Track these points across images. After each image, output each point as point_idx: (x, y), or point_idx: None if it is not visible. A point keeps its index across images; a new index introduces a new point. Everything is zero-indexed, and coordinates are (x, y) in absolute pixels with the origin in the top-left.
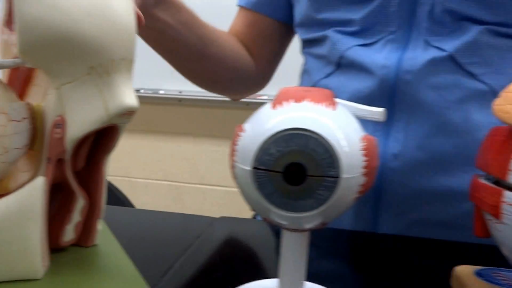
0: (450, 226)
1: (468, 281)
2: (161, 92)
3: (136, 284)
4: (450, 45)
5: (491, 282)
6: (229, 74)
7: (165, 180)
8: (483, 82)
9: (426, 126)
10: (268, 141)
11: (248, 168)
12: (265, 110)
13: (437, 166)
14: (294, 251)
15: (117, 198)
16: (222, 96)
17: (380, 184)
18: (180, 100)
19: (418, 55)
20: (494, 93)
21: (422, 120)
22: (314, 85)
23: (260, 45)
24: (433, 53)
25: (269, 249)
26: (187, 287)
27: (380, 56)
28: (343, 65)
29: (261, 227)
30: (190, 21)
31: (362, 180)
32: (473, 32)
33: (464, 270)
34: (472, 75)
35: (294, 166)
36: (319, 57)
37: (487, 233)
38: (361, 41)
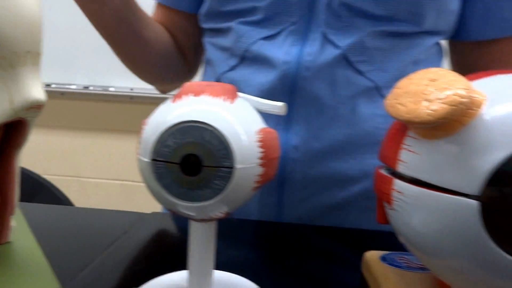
0: (346, 207)
1: (374, 265)
2: (111, 89)
3: (47, 282)
4: (344, 41)
5: (393, 265)
6: (162, 60)
7: (117, 180)
8: (369, 79)
9: (322, 119)
10: (166, 133)
11: (147, 160)
12: (166, 104)
13: (332, 155)
14: (201, 241)
15: (56, 197)
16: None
17: (282, 174)
18: (131, 97)
19: (316, 52)
20: (378, 89)
21: (318, 114)
22: (218, 78)
23: (181, 38)
24: (329, 51)
25: None
26: (104, 281)
27: (282, 51)
28: (247, 58)
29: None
30: (130, 1)
31: (259, 170)
32: (363, 32)
33: (371, 255)
34: (360, 73)
35: (190, 157)
36: (223, 48)
37: (387, 220)
38: (265, 33)
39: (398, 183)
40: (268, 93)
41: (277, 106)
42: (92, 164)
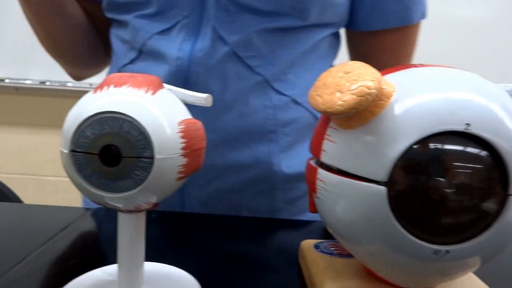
0: (242, 191)
1: (307, 253)
2: (69, 84)
3: None
4: (232, 38)
5: (325, 252)
6: (84, 39)
7: None
8: (258, 73)
9: (215, 111)
10: (84, 124)
11: (67, 151)
12: (87, 96)
13: (226, 144)
14: (129, 232)
15: (4, 195)
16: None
17: None
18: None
19: (207, 47)
20: (267, 82)
21: (212, 107)
22: (119, 70)
23: (98, 24)
24: (219, 47)
25: None
26: (36, 276)
27: (175, 47)
28: (145, 52)
29: None
30: None
31: (182, 161)
32: (250, 28)
33: (306, 244)
34: (249, 67)
35: (110, 148)
36: (123, 41)
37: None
38: (160, 27)
39: (321, 172)
40: None
41: (202, 98)
42: (50, 162)
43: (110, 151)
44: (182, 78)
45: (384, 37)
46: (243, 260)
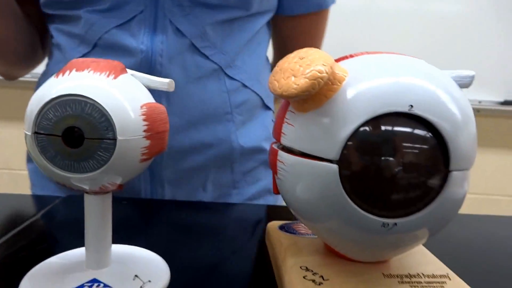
0: (206, 168)
1: (272, 233)
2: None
3: None
4: (189, 31)
5: (289, 232)
6: (26, 40)
7: None
8: (213, 61)
9: (179, 98)
10: (46, 106)
11: (30, 133)
12: (49, 80)
13: (191, 127)
14: (96, 214)
15: None
16: None
17: None
18: None
19: (166, 39)
20: (221, 69)
21: (175, 94)
22: None
23: (35, 20)
24: (178, 39)
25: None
26: (3, 260)
27: (136, 40)
28: (100, 46)
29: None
30: None
31: (144, 143)
32: (204, 21)
33: (272, 225)
34: (206, 57)
35: (72, 130)
36: (72, 35)
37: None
38: (116, 21)
39: (281, 154)
40: None
41: (165, 83)
42: (23, 156)
43: (73, 133)
44: (147, 69)
45: (304, 20)
46: (211, 242)
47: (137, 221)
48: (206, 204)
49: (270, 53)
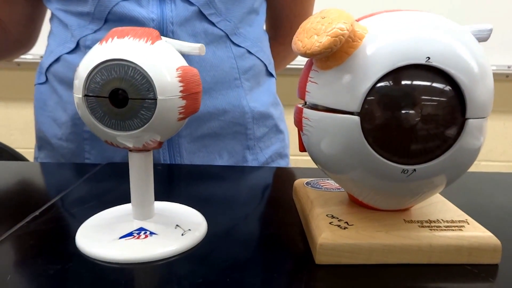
0: (221, 134)
1: (299, 189)
2: None
3: None
4: None
5: (315, 187)
6: None
7: None
8: (219, 28)
9: (193, 64)
10: (93, 71)
11: (80, 96)
12: (94, 47)
13: (205, 93)
14: (139, 170)
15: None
16: None
17: None
18: None
19: (175, 8)
20: (227, 36)
21: (188, 60)
22: (79, 41)
23: (7, 11)
24: (186, 7)
25: None
26: (61, 216)
27: (146, 10)
28: (111, 20)
29: None
30: None
31: (181, 102)
32: None
33: (299, 182)
34: (213, 24)
35: (118, 91)
36: (80, 14)
37: (304, 148)
38: None
39: (306, 111)
40: None
41: (196, 47)
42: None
43: (118, 94)
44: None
45: None
46: (239, 199)
47: (172, 183)
48: (228, 167)
49: None
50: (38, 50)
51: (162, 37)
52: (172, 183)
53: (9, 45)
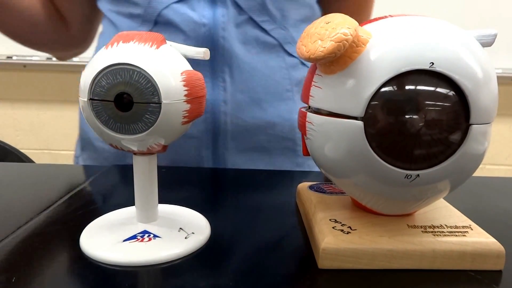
0: (269, 149)
1: (302, 192)
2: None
3: None
4: (247, 4)
5: (318, 191)
6: (39, 31)
7: None
8: (272, 36)
9: (242, 73)
10: (99, 75)
11: (86, 99)
12: (100, 51)
13: (254, 104)
14: (143, 173)
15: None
16: None
17: (216, 128)
18: None
19: (226, 13)
20: (280, 45)
21: (238, 69)
22: None
23: (67, 9)
24: (237, 13)
25: None
26: (61, 219)
27: (197, 14)
28: (160, 22)
29: None
30: None
31: (185, 106)
32: None
33: (302, 186)
34: (265, 31)
35: (123, 95)
36: (131, 15)
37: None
38: None
39: (309, 115)
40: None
41: (200, 51)
42: (62, 136)
43: (123, 98)
44: (210, 43)
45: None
46: (247, 204)
47: (176, 186)
48: (229, 170)
49: None
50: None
51: (166, 41)
52: (176, 186)
53: (68, 40)
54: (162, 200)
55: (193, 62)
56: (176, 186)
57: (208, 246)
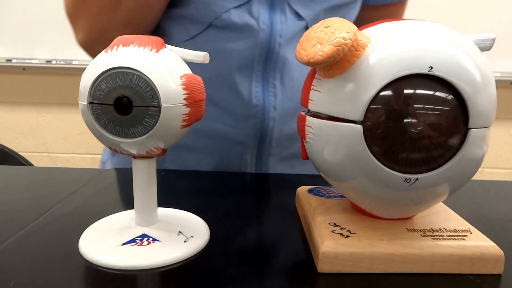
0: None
1: (302, 196)
2: (75, 62)
3: None
4: (306, 13)
5: (317, 195)
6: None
7: (87, 154)
8: None
9: (292, 80)
10: (99, 79)
11: (85, 103)
12: (100, 55)
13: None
14: (143, 177)
15: (22, 164)
16: None
17: (263, 133)
18: None
19: (285, 20)
20: None
21: (289, 76)
22: (178, 45)
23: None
24: (295, 21)
25: None
26: (61, 221)
27: (255, 19)
28: (216, 26)
29: None
30: None
31: (185, 110)
32: (320, 5)
33: (301, 189)
34: None
35: (123, 99)
36: (181, 17)
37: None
38: (236, 2)
39: (308, 119)
40: (246, 59)
41: (200, 55)
42: (61, 139)
43: (122, 102)
44: (265, 48)
45: (387, 9)
46: (246, 208)
47: (175, 189)
48: (229, 173)
49: None
50: (44, 55)
51: (166, 45)
52: (175, 190)
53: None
54: (160, 204)
55: (248, 65)
56: (174, 189)
57: (208, 250)
